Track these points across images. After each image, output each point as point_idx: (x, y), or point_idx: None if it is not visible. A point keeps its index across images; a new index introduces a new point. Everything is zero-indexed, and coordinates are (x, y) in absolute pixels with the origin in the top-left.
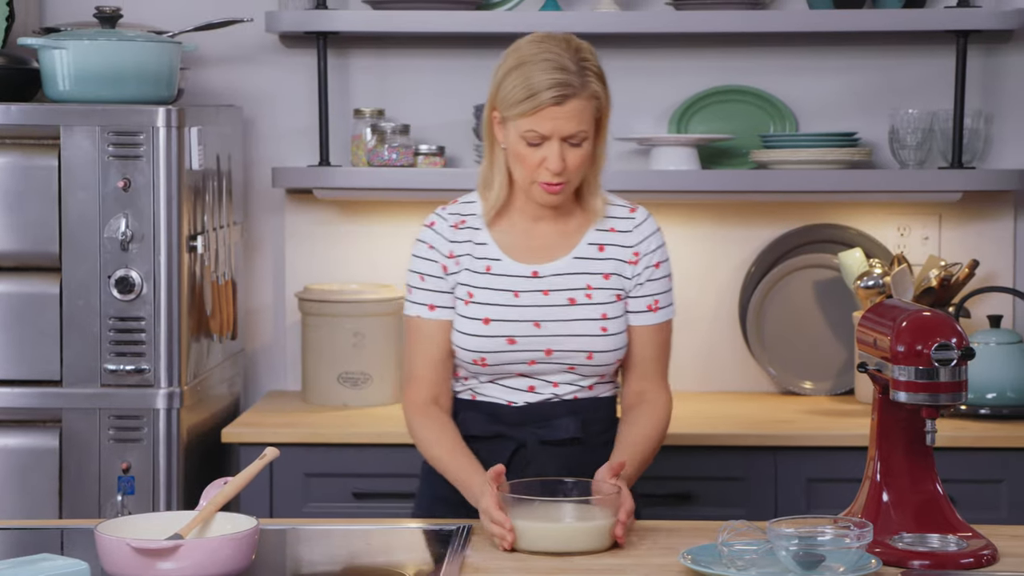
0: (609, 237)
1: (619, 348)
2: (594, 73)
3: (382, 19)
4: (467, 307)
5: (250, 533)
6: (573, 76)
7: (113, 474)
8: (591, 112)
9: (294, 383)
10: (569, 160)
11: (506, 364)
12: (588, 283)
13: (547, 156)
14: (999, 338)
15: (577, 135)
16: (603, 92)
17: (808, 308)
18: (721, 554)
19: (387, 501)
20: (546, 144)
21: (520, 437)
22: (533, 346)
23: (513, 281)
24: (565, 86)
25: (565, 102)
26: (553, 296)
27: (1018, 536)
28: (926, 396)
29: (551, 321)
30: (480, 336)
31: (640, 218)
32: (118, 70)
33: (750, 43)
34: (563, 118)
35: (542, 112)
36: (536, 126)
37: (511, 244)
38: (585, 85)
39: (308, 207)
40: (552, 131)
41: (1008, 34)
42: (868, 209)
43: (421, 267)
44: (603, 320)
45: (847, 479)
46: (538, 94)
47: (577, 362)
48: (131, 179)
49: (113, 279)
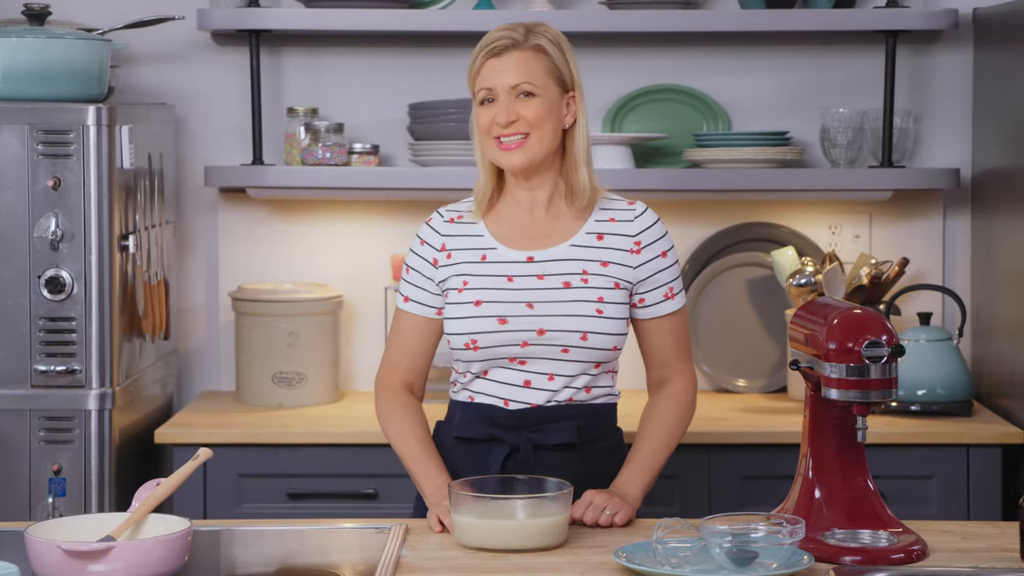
0: (608, 227)
1: (615, 334)
2: (547, 37)
3: (315, 17)
4: (460, 294)
5: (183, 534)
6: (516, 33)
7: (44, 476)
8: (539, 66)
9: (228, 383)
10: (522, 111)
11: (498, 347)
12: (584, 268)
13: (496, 111)
14: (929, 335)
15: (521, 85)
16: (559, 56)
17: (741, 306)
18: (655, 552)
19: (322, 501)
20: (496, 102)
21: (514, 441)
22: (525, 326)
23: (508, 267)
24: (504, 39)
25: (503, 53)
26: (548, 280)
27: (948, 531)
28: (857, 393)
29: (544, 302)
30: (471, 318)
31: (640, 210)
32: (47, 68)
33: (683, 42)
34: (505, 69)
35: (485, 66)
36: (483, 81)
37: (507, 234)
38: (528, 40)
39: (241, 206)
40: (496, 83)
41: (936, 34)
42: (800, 208)
43: (410, 260)
44: (599, 303)
45: (780, 476)
46: (480, 52)
47: (571, 343)
48: (61, 178)
49: (43, 279)
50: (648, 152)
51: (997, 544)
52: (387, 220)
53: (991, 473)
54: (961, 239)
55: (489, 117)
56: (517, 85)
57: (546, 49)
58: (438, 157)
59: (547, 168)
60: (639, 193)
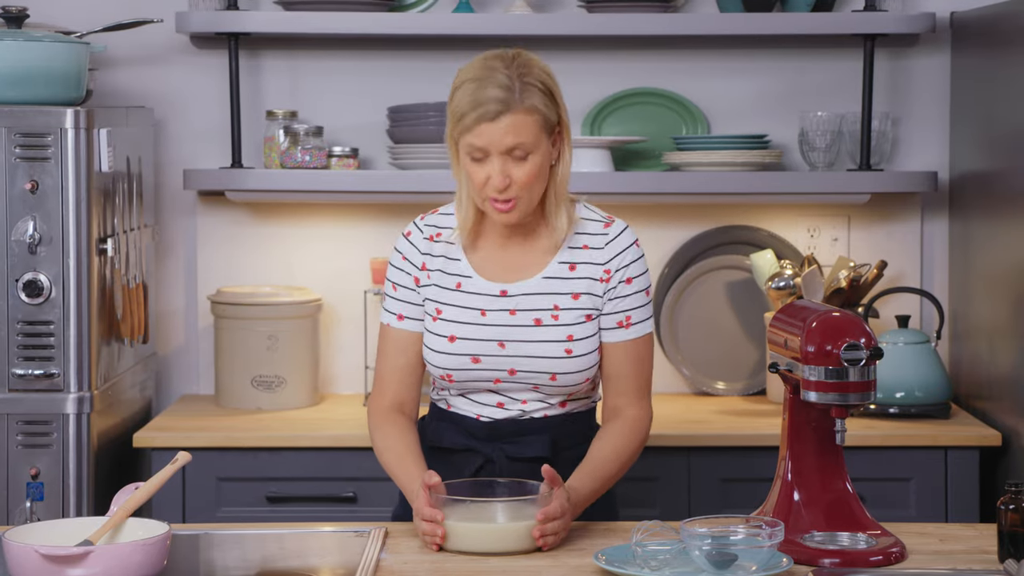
0: (581, 255)
1: (585, 369)
2: (538, 89)
3: (294, 20)
4: (435, 323)
5: (162, 539)
6: (509, 92)
7: (22, 480)
8: (532, 126)
9: (207, 387)
10: (515, 176)
11: (472, 381)
12: (556, 303)
13: (491, 173)
14: (907, 338)
15: (517, 149)
16: (550, 106)
17: (720, 309)
18: (635, 554)
19: (301, 505)
20: (488, 160)
21: (488, 452)
22: (497, 365)
23: (481, 299)
24: (498, 101)
25: (498, 117)
26: (519, 316)
27: (926, 534)
28: (836, 396)
29: (515, 341)
30: (446, 353)
31: (613, 233)
32: (25, 71)
33: (662, 46)
34: (499, 133)
35: (478, 128)
36: (475, 140)
37: (483, 262)
38: (524, 99)
39: (220, 209)
40: (489, 145)
41: (914, 38)
42: (779, 211)
43: (394, 276)
44: (568, 342)
45: (759, 478)
46: (473, 110)
47: (541, 382)
48: (39, 181)
49: (21, 282)
50: (627, 155)
51: (975, 546)
52: (366, 223)
53: (969, 475)
54: (939, 242)
55: (483, 177)
56: (511, 150)
57: (538, 108)
58: (417, 160)
59: (531, 214)
60: (618, 196)
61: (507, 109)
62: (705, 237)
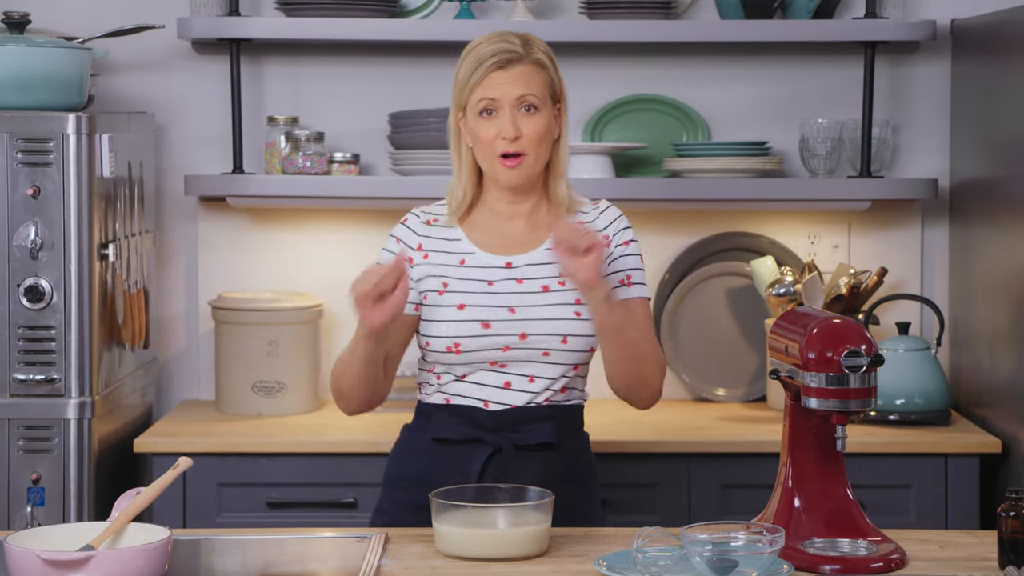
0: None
1: (592, 335)
2: (542, 51)
3: (296, 26)
4: (441, 296)
5: (163, 544)
6: (516, 46)
7: (23, 485)
8: (541, 81)
9: (208, 392)
10: (525, 128)
11: (480, 351)
12: (560, 271)
13: (501, 127)
14: (907, 345)
15: (527, 98)
16: (553, 69)
17: (721, 316)
18: (636, 560)
19: (302, 510)
20: (499, 114)
21: (496, 442)
22: (508, 330)
23: (487, 272)
24: (508, 52)
25: (509, 66)
26: (527, 284)
27: (926, 540)
28: (836, 402)
29: (525, 306)
30: (455, 321)
31: (604, 207)
32: (27, 76)
33: (663, 52)
34: (510, 81)
35: (490, 77)
36: (486, 92)
37: (483, 239)
38: (530, 54)
39: (221, 215)
40: (502, 95)
41: (915, 45)
42: (779, 217)
43: (385, 259)
44: (577, 305)
45: (760, 485)
46: (484, 62)
47: (552, 346)
48: (40, 186)
49: (22, 288)
50: (628, 162)
51: (975, 553)
52: (367, 229)
53: (969, 482)
54: (939, 249)
55: (494, 131)
56: (523, 97)
57: (544, 64)
58: (418, 166)
59: (534, 184)
60: (619, 203)
61: (518, 59)
62: (706, 244)
